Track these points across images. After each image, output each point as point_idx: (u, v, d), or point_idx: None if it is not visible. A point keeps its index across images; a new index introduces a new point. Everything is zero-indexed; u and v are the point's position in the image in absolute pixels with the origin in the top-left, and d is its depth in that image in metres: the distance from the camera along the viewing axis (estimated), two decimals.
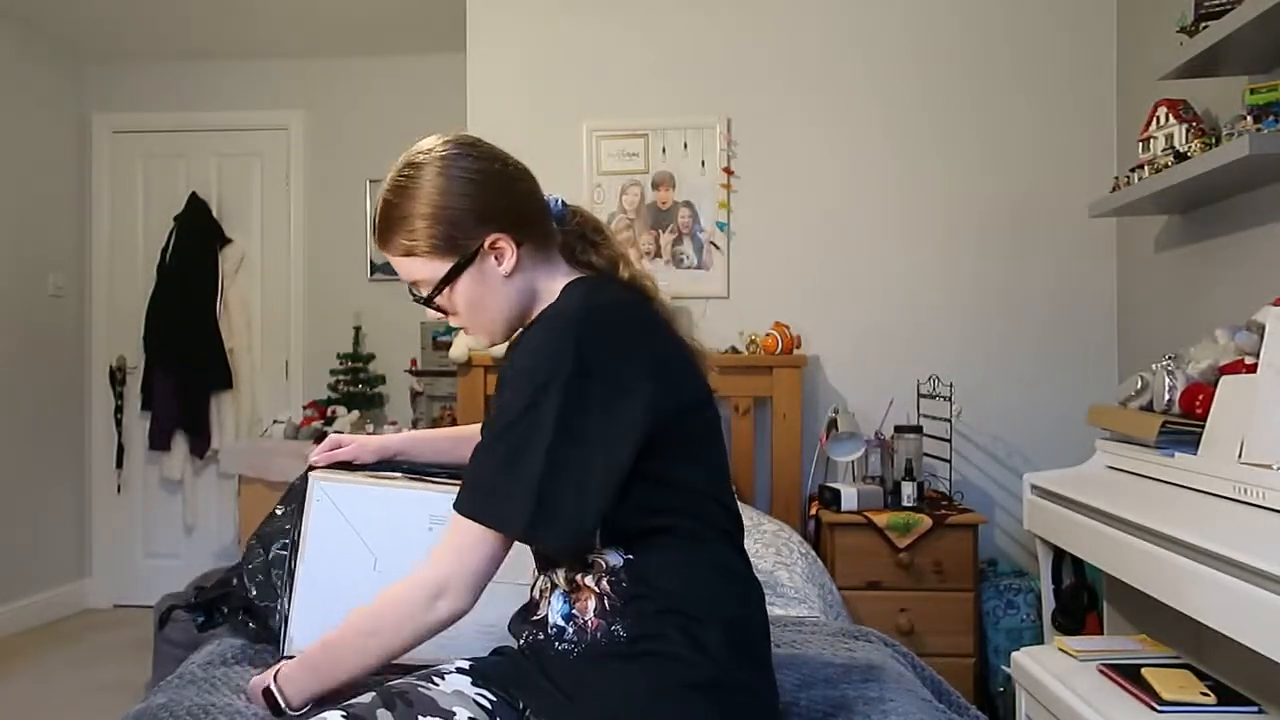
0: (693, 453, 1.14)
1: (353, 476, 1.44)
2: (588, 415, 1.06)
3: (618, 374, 1.08)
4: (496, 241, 1.17)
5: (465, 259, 1.17)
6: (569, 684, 1.11)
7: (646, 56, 3.28)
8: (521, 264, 1.19)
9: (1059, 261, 3.18)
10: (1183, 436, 1.94)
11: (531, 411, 1.06)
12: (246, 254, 4.47)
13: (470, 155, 1.19)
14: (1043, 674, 2.01)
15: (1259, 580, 1.41)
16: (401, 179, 1.19)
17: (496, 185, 1.19)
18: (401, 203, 1.18)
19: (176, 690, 1.33)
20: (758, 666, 1.15)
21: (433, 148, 1.20)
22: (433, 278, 1.19)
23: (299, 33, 4.16)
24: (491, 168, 1.20)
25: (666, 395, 1.10)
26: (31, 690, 3.33)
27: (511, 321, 1.23)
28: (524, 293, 1.21)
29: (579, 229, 1.26)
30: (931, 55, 3.24)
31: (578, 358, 1.06)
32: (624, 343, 1.11)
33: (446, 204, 1.16)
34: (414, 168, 1.19)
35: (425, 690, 1.11)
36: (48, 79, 4.30)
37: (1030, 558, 3.01)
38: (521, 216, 1.20)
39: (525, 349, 1.12)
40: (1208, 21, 2.14)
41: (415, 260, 1.19)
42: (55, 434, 4.30)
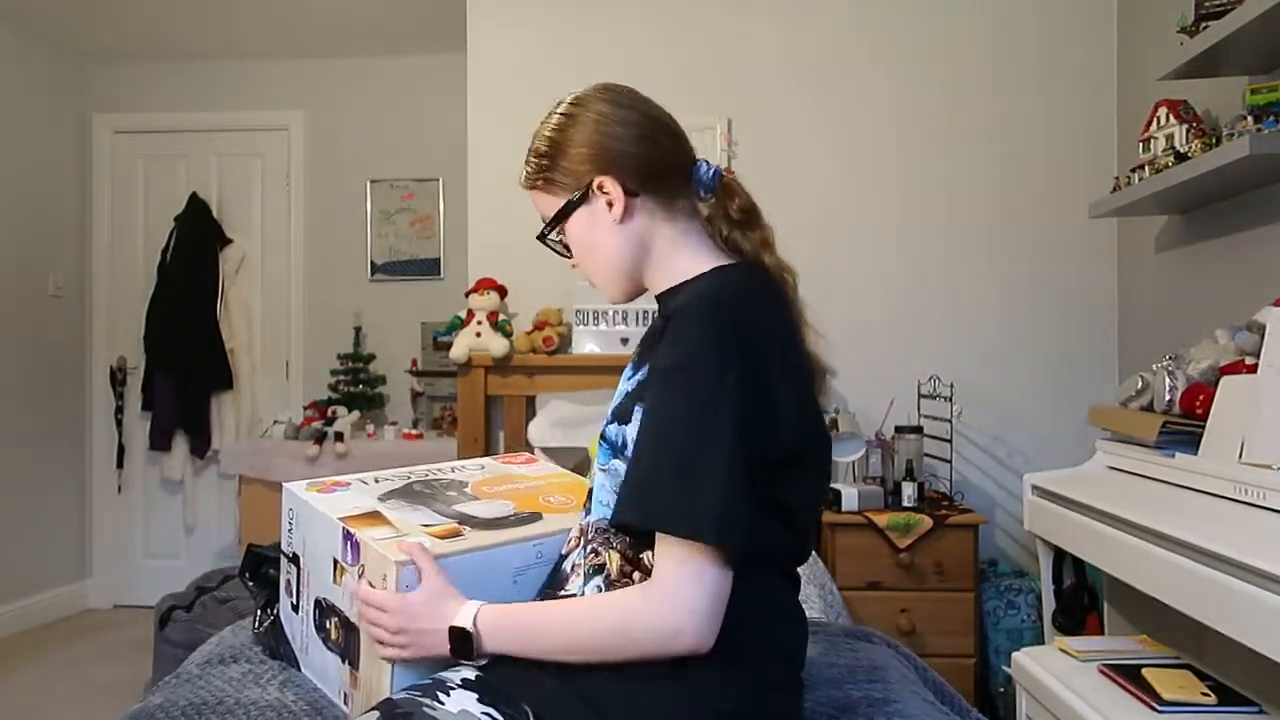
0: (795, 480, 1.09)
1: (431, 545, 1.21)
2: (746, 416, 1.01)
3: (772, 380, 1.04)
4: (603, 184, 1.17)
5: (577, 198, 1.19)
6: (597, 695, 1.05)
7: (646, 56, 3.28)
8: (635, 215, 1.18)
9: (1059, 261, 3.18)
10: (1183, 437, 1.94)
11: (708, 411, 1.00)
12: (247, 254, 4.47)
13: (607, 100, 1.22)
14: (1043, 674, 2.01)
15: (1259, 580, 1.41)
16: (547, 117, 1.25)
17: (622, 131, 1.19)
18: (538, 137, 1.24)
19: (174, 690, 1.33)
20: (792, 700, 1.13)
21: (583, 92, 1.25)
22: (548, 214, 1.23)
23: (299, 33, 4.17)
24: (625, 115, 1.21)
25: (806, 413, 1.09)
26: (31, 690, 3.33)
27: (627, 276, 1.22)
28: (638, 245, 1.19)
29: (726, 204, 1.21)
30: (931, 56, 3.24)
31: (747, 351, 1.02)
32: (780, 346, 1.08)
33: (565, 141, 1.20)
34: (560, 105, 1.24)
35: (430, 711, 1.05)
36: (48, 79, 4.30)
37: (1031, 558, 3.01)
38: (645, 168, 1.18)
39: (686, 340, 1.04)
40: (1208, 22, 2.14)
41: (539, 195, 1.24)
42: (55, 434, 4.31)
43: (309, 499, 1.29)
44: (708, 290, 1.10)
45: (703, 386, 1.01)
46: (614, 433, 1.13)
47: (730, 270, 1.16)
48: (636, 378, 1.15)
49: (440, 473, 1.44)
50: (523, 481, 1.43)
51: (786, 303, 1.16)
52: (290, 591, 1.35)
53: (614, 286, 1.24)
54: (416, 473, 1.42)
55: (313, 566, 1.29)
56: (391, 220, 4.41)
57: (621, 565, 1.09)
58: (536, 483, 1.43)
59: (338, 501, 1.28)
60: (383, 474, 1.40)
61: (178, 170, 4.49)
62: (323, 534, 1.25)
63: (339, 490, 1.33)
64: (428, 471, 1.43)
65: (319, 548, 1.27)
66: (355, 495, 1.31)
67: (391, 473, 1.41)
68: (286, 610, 1.38)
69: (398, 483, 1.38)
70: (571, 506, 1.32)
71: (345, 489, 1.33)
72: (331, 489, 1.33)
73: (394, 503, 1.29)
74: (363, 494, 1.32)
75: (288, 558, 1.35)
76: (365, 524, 1.22)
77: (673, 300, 1.17)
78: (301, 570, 1.32)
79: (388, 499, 1.31)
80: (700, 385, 1.01)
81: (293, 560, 1.33)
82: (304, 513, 1.30)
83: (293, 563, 1.33)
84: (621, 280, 1.22)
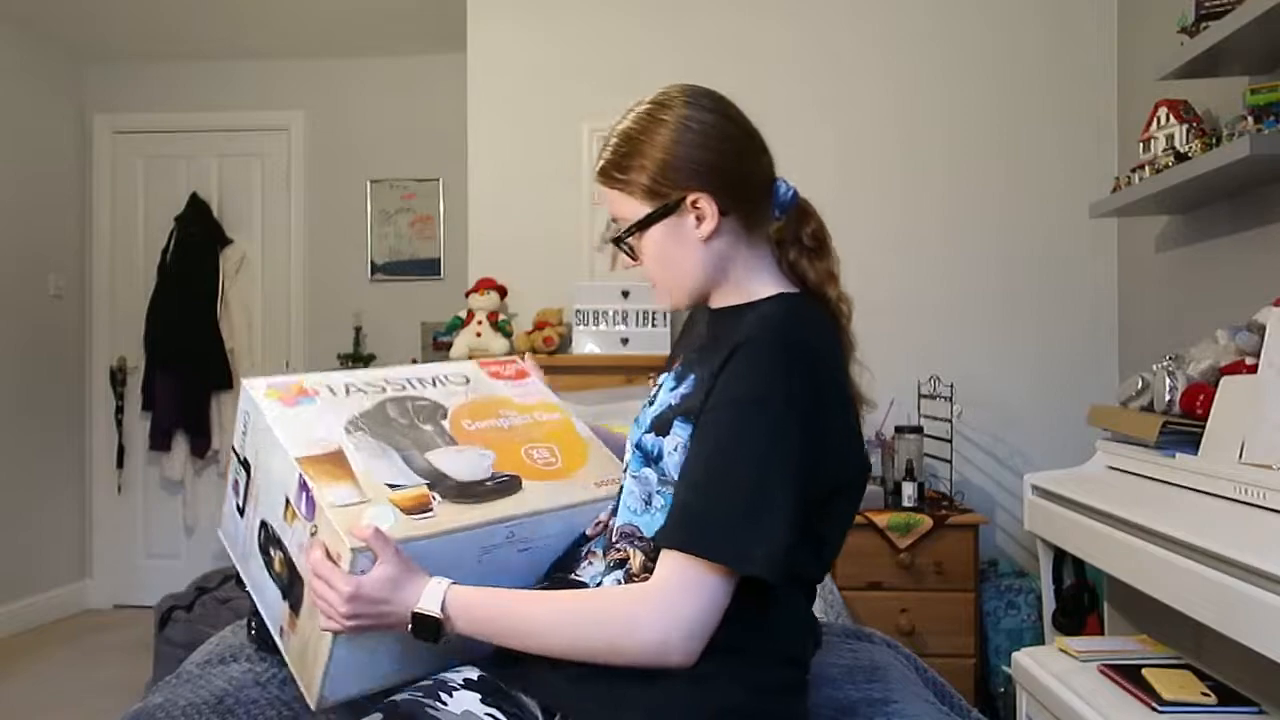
0: (833, 512, 1.10)
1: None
2: (807, 454, 1.02)
3: (830, 417, 1.06)
4: (697, 200, 1.12)
5: (664, 209, 1.13)
6: (611, 694, 1.03)
7: (647, 56, 3.29)
8: (721, 233, 1.14)
9: (1060, 262, 3.18)
10: (1183, 437, 1.94)
11: (775, 448, 1.00)
12: (247, 254, 4.47)
13: (704, 108, 1.16)
14: (1043, 674, 2.01)
15: (1259, 580, 1.41)
16: (640, 114, 1.16)
17: (717, 145, 1.14)
18: (628, 136, 1.16)
19: (174, 689, 1.34)
20: (800, 701, 1.14)
21: (678, 93, 1.17)
22: (628, 217, 1.16)
23: (299, 33, 4.17)
24: (726, 128, 1.16)
25: (852, 447, 1.11)
26: (31, 690, 3.33)
27: (696, 290, 1.18)
28: (717, 265, 1.16)
29: (798, 228, 1.20)
30: (931, 56, 3.24)
31: (811, 388, 1.03)
32: (836, 383, 1.09)
33: (660, 148, 1.13)
34: (655, 106, 1.16)
35: (433, 712, 1.05)
36: (48, 79, 4.30)
37: (1031, 558, 3.01)
38: (736, 186, 1.14)
39: (758, 373, 1.03)
40: (1208, 22, 2.14)
41: (620, 196, 1.16)
42: (56, 434, 4.30)
43: (268, 413, 1.16)
44: (778, 322, 1.08)
45: (771, 423, 1.01)
46: (650, 443, 1.12)
47: (795, 300, 1.15)
48: (680, 390, 1.13)
49: (421, 385, 1.29)
50: (508, 415, 1.29)
51: (841, 334, 1.17)
52: (237, 492, 1.24)
53: (680, 299, 1.20)
54: (393, 382, 1.28)
55: (264, 487, 1.18)
56: (392, 220, 4.41)
57: (644, 563, 1.09)
58: (523, 419, 1.30)
59: (300, 425, 1.15)
60: (356, 378, 1.26)
61: (178, 170, 4.49)
62: (279, 466, 1.14)
63: (303, 402, 1.19)
64: (407, 381, 1.29)
65: (273, 475, 1.15)
66: (321, 414, 1.18)
67: (366, 379, 1.27)
68: (230, 508, 1.27)
69: (370, 398, 1.23)
70: (555, 469, 1.23)
71: (311, 401, 1.19)
72: (296, 399, 1.19)
73: (361, 439, 1.16)
74: (330, 412, 1.18)
75: (239, 459, 1.23)
76: (326, 473, 1.10)
77: (733, 321, 1.14)
78: (251, 482, 1.20)
79: (356, 429, 1.17)
80: (769, 421, 1.01)
81: (243, 464, 1.22)
82: (260, 426, 1.17)
83: (243, 467, 1.22)
84: (690, 296, 1.19)
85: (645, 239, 1.16)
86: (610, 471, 1.27)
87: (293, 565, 1.13)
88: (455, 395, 1.29)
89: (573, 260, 3.33)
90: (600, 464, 1.28)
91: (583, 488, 1.23)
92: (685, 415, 1.09)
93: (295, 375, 1.24)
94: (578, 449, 1.29)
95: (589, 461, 1.28)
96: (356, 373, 1.28)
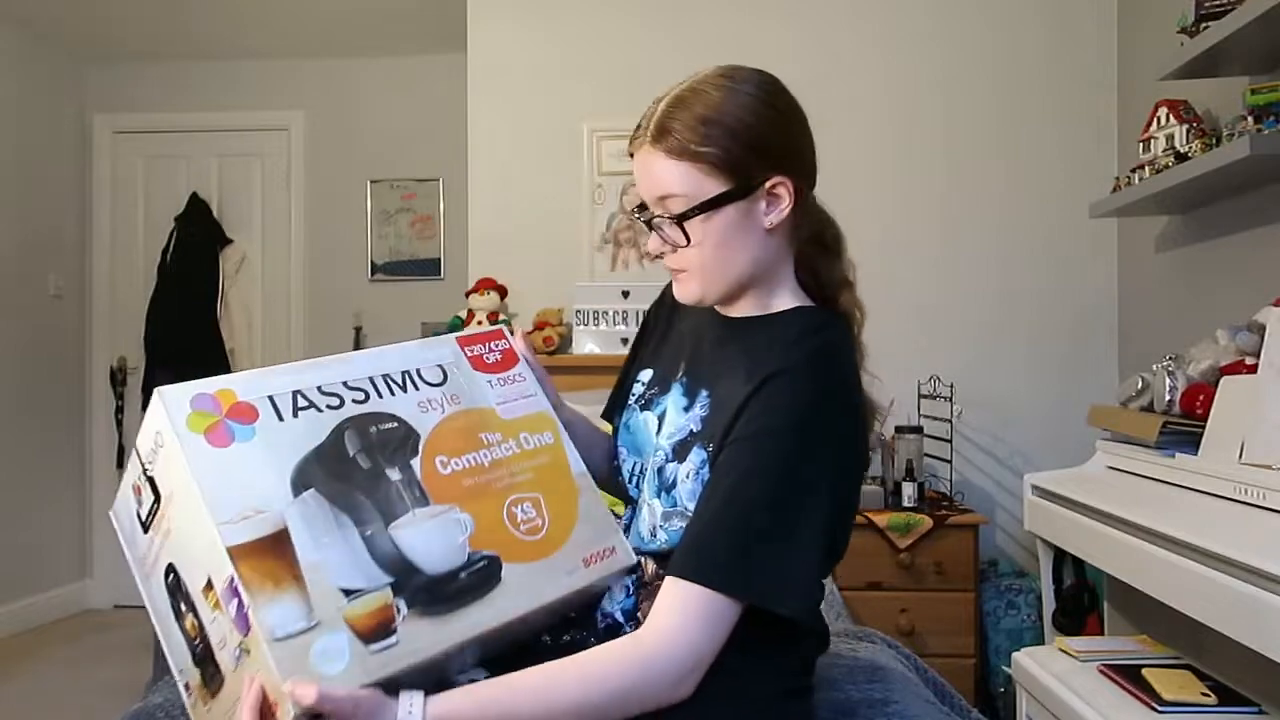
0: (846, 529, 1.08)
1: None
2: (839, 485, 1.02)
3: (862, 448, 1.07)
4: (777, 186, 1.05)
5: (745, 187, 1.04)
6: None
7: (647, 56, 3.28)
8: (784, 226, 1.08)
9: (1059, 261, 3.18)
10: (1183, 437, 1.94)
11: (814, 480, 0.98)
12: (247, 254, 4.47)
13: (782, 90, 1.10)
14: (1043, 674, 2.01)
15: (1259, 580, 1.41)
16: (717, 84, 1.05)
17: (800, 130, 1.10)
18: (708, 101, 1.04)
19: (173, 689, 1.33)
20: (808, 703, 1.13)
21: (751, 72, 1.09)
22: (693, 194, 1.04)
23: (299, 33, 4.17)
24: (800, 113, 1.11)
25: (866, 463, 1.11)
26: (31, 690, 3.33)
27: (736, 285, 1.09)
28: (764, 260, 1.08)
29: (823, 229, 1.14)
30: (931, 56, 3.24)
31: (848, 422, 1.02)
32: (865, 408, 1.08)
33: (748, 124, 1.04)
34: (730, 80, 1.06)
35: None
36: (48, 79, 4.30)
37: (1031, 558, 3.01)
38: (808, 176, 1.10)
39: (800, 402, 1.00)
40: (1208, 22, 2.14)
41: (687, 169, 1.04)
42: (56, 435, 4.30)
43: (191, 456, 0.87)
44: (816, 351, 1.05)
45: (809, 458, 0.98)
46: (670, 471, 1.08)
47: (821, 318, 1.11)
48: (696, 412, 1.08)
49: (389, 388, 1.02)
50: (492, 441, 1.05)
51: (855, 343, 1.14)
52: (139, 499, 0.96)
53: (714, 292, 1.10)
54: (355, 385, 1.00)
55: (178, 536, 0.91)
56: (392, 220, 4.41)
57: (657, 570, 1.07)
58: (508, 448, 1.06)
59: (232, 480, 0.87)
60: (307, 379, 0.97)
61: (178, 170, 4.49)
62: (202, 539, 0.87)
63: (238, 437, 0.90)
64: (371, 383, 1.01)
65: (192, 542, 0.89)
66: (261, 457, 0.90)
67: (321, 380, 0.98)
68: (129, 505, 0.98)
69: (325, 419, 0.95)
70: (539, 538, 1.02)
71: (248, 433, 0.91)
72: (228, 433, 0.90)
73: (311, 503, 0.90)
74: (272, 453, 0.91)
75: (143, 469, 0.94)
76: (264, 574, 0.85)
77: (753, 336, 1.09)
78: (160, 513, 0.93)
79: (305, 482, 0.91)
80: (807, 456, 0.98)
81: (149, 483, 0.93)
82: (177, 466, 0.88)
83: (149, 485, 0.93)
84: (726, 290, 1.10)
85: (712, 220, 1.05)
86: (603, 538, 1.07)
87: (207, 640, 0.91)
88: (431, 409, 1.03)
89: (573, 260, 3.33)
90: (593, 524, 1.07)
91: (568, 571, 1.02)
92: (704, 441, 1.05)
93: (228, 379, 0.94)
94: (568, 497, 1.07)
95: (579, 520, 1.06)
96: (308, 367, 0.99)
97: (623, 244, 3.32)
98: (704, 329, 1.18)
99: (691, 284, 1.09)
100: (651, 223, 1.08)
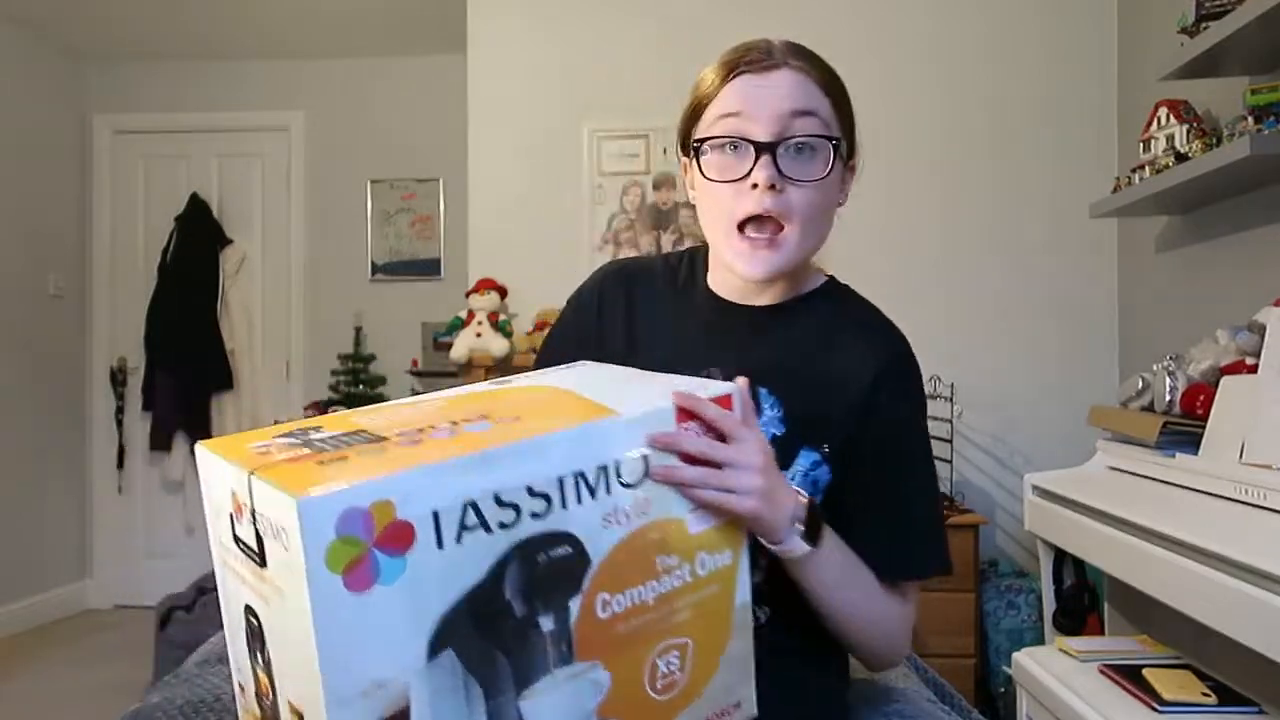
0: None
1: None
2: None
3: None
4: (852, 163, 1.06)
5: (851, 148, 1.04)
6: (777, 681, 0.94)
7: (647, 57, 3.28)
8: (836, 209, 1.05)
9: (1060, 262, 3.18)
10: (1183, 437, 1.94)
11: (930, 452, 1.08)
12: (247, 254, 4.47)
13: None
14: (1044, 674, 2.01)
15: (1259, 580, 1.41)
16: (815, 55, 1.07)
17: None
18: (828, 67, 1.04)
19: (171, 689, 1.33)
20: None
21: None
22: (831, 127, 1.00)
23: (299, 33, 4.17)
24: None
25: None
26: (32, 690, 3.33)
27: (803, 256, 1.02)
28: (823, 238, 1.04)
29: None
30: (931, 55, 3.24)
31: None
32: None
33: (844, 92, 1.05)
34: (809, 55, 1.08)
35: None
36: (48, 79, 4.30)
37: (1031, 558, 3.01)
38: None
39: (917, 380, 1.09)
40: (1209, 22, 2.14)
41: (826, 102, 1.01)
42: (56, 434, 4.30)
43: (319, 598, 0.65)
44: (897, 330, 1.12)
45: (929, 435, 1.10)
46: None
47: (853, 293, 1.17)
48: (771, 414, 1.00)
49: (579, 489, 0.77)
50: (665, 574, 0.83)
51: None
52: (237, 523, 0.75)
53: (786, 264, 1.00)
54: (539, 492, 0.74)
55: (279, 637, 0.73)
56: (392, 220, 4.41)
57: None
58: (680, 576, 0.84)
59: (360, 641, 0.67)
60: (488, 489, 0.72)
61: (178, 170, 4.49)
62: (306, 688, 0.69)
63: (382, 578, 0.67)
64: (560, 487, 0.75)
65: (294, 670, 0.71)
66: (401, 610, 0.68)
67: (506, 485, 0.73)
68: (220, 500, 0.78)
69: (491, 546, 0.72)
70: (673, 695, 0.84)
71: (395, 569, 0.68)
72: (370, 575, 0.67)
73: (443, 671, 0.71)
74: (414, 607, 0.69)
75: (253, 521, 0.71)
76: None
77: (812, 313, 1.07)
78: (261, 581, 0.73)
79: (443, 644, 0.71)
80: (928, 435, 1.10)
81: (257, 544, 0.71)
82: (296, 604, 0.67)
83: (256, 544, 0.72)
84: (804, 259, 1.03)
85: (835, 165, 0.99)
86: (734, 690, 0.88)
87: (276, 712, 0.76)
88: (614, 524, 0.78)
89: (573, 260, 3.33)
90: (731, 672, 0.87)
91: None
92: (808, 441, 0.99)
93: (391, 481, 0.68)
94: (718, 639, 0.86)
95: (719, 670, 0.86)
96: (497, 457, 0.72)
97: (623, 244, 3.32)
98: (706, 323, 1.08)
99: (788, 242, 0.98)
100: (779, 144, 0.96)
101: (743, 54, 1.02)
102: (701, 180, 1.02)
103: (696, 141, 1.02)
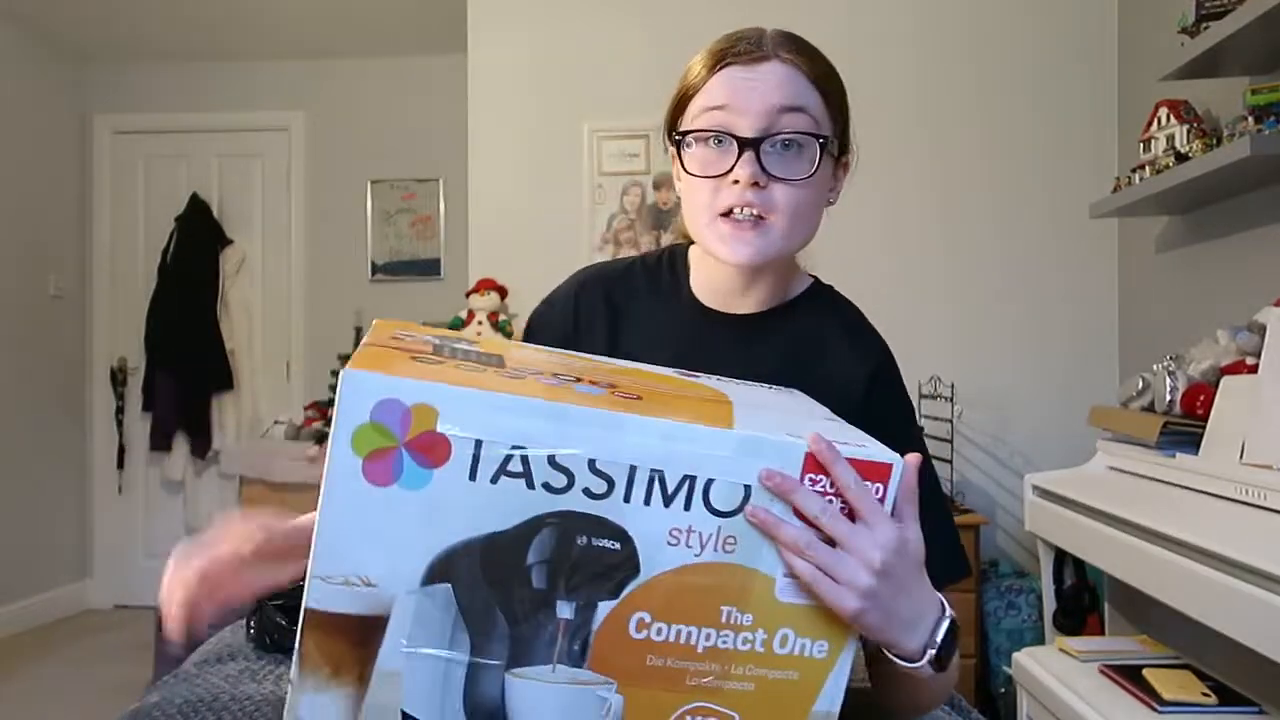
0: None
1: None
2: None
3: None
4: (845, 160, 1.03)
5: (842, 147, 1.02)
6: None
7: (647, 57, 3.28)
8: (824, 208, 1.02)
9: (1060, 262, 3.18)
10: (1184, 437, 1.94)
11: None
12: (247, 254, 4.47)
13: None
14: (1044, 674, 2.01)
15: (1259, 580, 1.41)
16: (818, 49, 1.03)
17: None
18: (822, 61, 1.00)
19: (170, 688, 1.33)
20: None
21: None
22: (821, 125, 0.96)
23: (299, 33, 4.17)
24: None
25: None
26: (31, 690, 3.33)
27: (798, 249, 0.99)
28: (810, 235, 1.00)
29: None
30: (931, 54, 3.24)
31: None
32: None
33: (843, 91, 1.02)
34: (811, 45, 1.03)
35: None
36: (48, 79, 4.30)
37: (1031, 558, 3.01)
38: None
39: (902, 380, 1.10)
40: (1209, 22, 2.14)
41: (816, 96, 0.97)
42: (56, 435, 4.30)
43: (334, 483, 0.64)
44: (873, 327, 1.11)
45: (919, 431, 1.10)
46: None
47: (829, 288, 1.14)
48: None
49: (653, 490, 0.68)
50: (729, 630, 0.71)
51: None
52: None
53: (770, 254, 0.95)
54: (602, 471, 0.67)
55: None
56: (392, 220, 4.42)
57: None
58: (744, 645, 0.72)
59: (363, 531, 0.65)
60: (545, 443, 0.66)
61: (178, 170, 4.49)
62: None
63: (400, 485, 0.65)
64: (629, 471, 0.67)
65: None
66: (413, 520, 0.65)
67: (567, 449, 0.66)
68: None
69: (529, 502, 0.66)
70: None
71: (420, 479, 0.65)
72: (392, 471, 0.64)
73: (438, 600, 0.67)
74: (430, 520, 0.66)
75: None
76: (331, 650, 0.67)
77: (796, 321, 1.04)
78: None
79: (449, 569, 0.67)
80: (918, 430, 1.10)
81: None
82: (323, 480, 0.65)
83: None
84: (790, 252, 0.99)
85: (824, 162, 0.96)
86: None
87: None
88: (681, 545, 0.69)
89: (573, 260, 3.28)
90: None
91: None
92: None
93: (440, 388, 0.65)
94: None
95: None
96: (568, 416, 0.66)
97: (623, 244, 3.32)
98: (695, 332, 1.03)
99: (773, 229, 0.94)
100: (764, 140, 0.92)
101: (732, 43, 0.99)
102: (684, 173, 1.00)
103: (680, 133, 0.99)
